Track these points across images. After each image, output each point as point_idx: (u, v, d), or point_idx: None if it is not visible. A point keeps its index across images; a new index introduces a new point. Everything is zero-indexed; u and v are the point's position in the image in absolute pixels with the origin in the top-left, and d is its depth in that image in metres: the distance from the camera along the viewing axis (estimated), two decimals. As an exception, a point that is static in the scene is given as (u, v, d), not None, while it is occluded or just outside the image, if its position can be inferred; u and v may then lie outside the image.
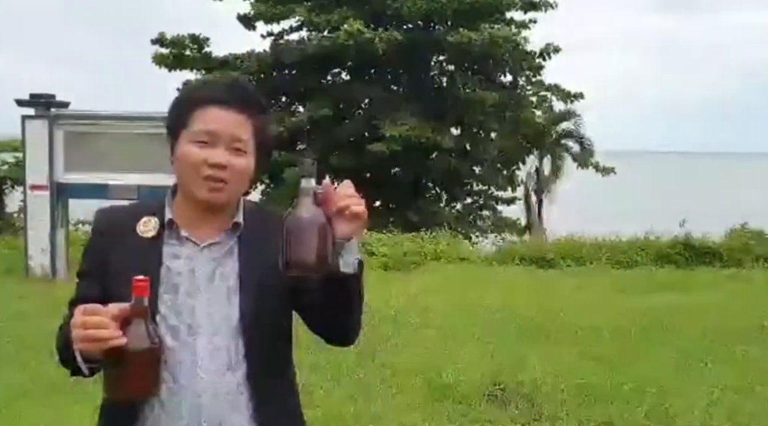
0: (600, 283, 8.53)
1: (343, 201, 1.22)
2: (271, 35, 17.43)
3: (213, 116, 1.34)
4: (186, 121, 1.36)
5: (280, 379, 1.41)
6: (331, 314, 1.34)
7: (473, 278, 8.52)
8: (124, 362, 1.20)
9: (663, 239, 10.60)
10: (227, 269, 1.36)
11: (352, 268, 1.27)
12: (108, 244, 1.39)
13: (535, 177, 17.54)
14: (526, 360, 5.05)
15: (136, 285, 1.21)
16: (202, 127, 1.34)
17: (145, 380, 1.23)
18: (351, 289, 1.30)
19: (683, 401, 4.30)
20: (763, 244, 10.43)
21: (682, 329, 6.06)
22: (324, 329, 1.39)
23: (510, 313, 6.52)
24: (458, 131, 17.01)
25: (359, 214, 1.22)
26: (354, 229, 1.24)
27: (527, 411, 4.15)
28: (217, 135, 1.34)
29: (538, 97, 17.52)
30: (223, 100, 1.35)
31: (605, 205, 23.58)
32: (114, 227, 1.40)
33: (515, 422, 4.00)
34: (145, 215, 1.39)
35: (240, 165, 1.35)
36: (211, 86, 1.41)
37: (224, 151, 1.34)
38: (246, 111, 1.37)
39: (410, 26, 16.55)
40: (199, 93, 1.39)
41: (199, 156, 1.33)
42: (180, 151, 1.36)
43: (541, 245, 10.90)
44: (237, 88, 1.40)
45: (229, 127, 1.34)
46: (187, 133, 1.35)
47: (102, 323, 1.19)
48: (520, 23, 16.67)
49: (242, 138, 1.36)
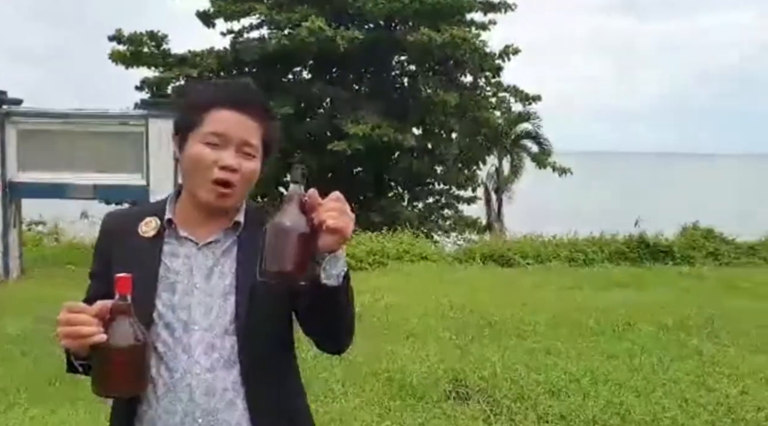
0: (558, 280, 8.71)
1: (324, 214, 1.20)
2: (231, 33, 17.26)
3: (226, 118, 1.34)
4: (197, 122, 1.35)
5: (277, 380, 1.40)
6: (317, 322, 1.34)
7: (435, 277, 8.60)
8: (106, 359, 1.21)
9: (618, 238, 10.89)
10: (225, 268, 1.37)
11: (335, 281, 1.26)
12: (112, 244, 1.42)
13: (495, 177, 17.77)
14: (487, 356, 5.12)
15: (119, 283, 1.23)
16: (214, 129, 1.34)
17: (127, 377, 1.24)
18: (335, 301, 1.28)
19: (638, 394, 4.43)
20: (714, 241, 10.80)
21: (637, 325, 6.23)
22: (313, 334, 1.38)
23: (471, 311, 6.61)
24: (420, 131, 17.12)
25: (339, 229, 1.20)
26: (335, 242, 1.22)
27: (487, 406, 4.22)
28: (229, 137, 1.33)
29: (497, 98, 17.76)
30: (237, 104, 1.35)
31: (563, 205, 24.04)
32: (119, 228, 1.43)
33: (475, 418, 4.06)
34: (148, 216, 1.41)
35: (249, 169, 1.36)
36: (225, 89, 1.40)
37: (235, 154, 1.34)
38: (257, 116, 1.37)
39: (372, 26, 16.59)
40: (212, 94, 1.38)
41: (209, 157, 1.33)
42: (190, 151, 1.35)
43: (501, 244, 11.06)
44: (249, 92, 1.40)
45: (240, 130, 1.34)
46: (198, 134, 1.34)
47: (83, 320, 1.20)
48: (480, 24, 16.86)
49: (252, 142, 1.36)
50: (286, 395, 1.42)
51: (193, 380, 1.32)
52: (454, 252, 11.16)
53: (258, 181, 1.41)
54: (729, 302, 7.39)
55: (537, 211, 17.74)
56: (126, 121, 8.11)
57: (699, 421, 3.99)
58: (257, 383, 1.35)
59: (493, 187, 17.63)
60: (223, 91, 1.39)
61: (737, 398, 4.36)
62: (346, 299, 1.31)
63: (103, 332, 1.20)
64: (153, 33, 16.32)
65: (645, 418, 4.03)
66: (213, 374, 1.33)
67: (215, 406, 1.32)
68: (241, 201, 1.41)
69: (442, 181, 17.91)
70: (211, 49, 16.74)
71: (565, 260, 10.18)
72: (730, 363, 5.11)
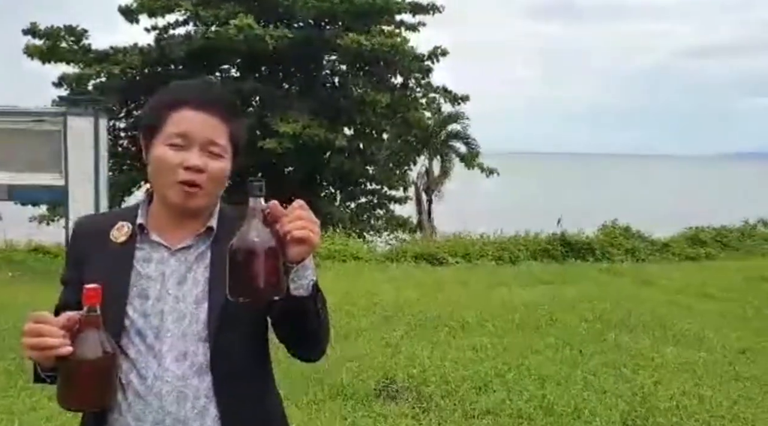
0: (485, 278, 8.92)
1: (288, 224, 1.18)
2: (156, 29, 16.79)
3: (188, 118, 1.31)
4: (160, 124, 1.32)
5: (251, 388, 1.38)
6: (289, 330, 1.33)
7: (367, 276, 8.64)
8: (73, 372, 1.18)
9: (542, 236, 11.26)
10: (198, 274, 1.34)
11: (305, 291, 1.24)
12: (84, 251, 1.39)
13: (425, 177, 18.00)
14: (416, 354, 5.20)
15: (87, 294, 1.19)
16: (177, 130, 1.31)
17: (94, 390, 1.21)
18: (305, 309, 1.27)
19: (561, 387, 4.59)
20: (631, 239, 11.32)
21: (560, 320, 6.46)
22: (286, 341, 1.37)
23: (401, 309, 6.68)
24: (351, 131, 17.16)
25: (306, 238, 1.18)
26: (302, 252, 1.20)
27: (416, 403, 4.28)
28: (192, 137, 1.31)
29: (427, 99, 18.00)
30: (199, 102, 1.32)
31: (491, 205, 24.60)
32: (90, 234, 1.40)
33: (404, 415, 4.11)
34: (120, 221, 1.39)
35: (216, 169, 1.32)
36: (187, 88, 1.37)
37: (200, 153, 1.31)
38: (222, 114, 1.34)
39: (302, 24, 16.49)
40: (173, 95, 1.35)
41: (174, 159, 1.30)
42: (154, 153, 1.32)
43: (431, 243, 11.24)
44: (212, 90, 1.37)
45: (204, 129, 1.31)
46: (162, 136, 1.32)
47: (48, 331, 1.17)
48: (409, 26, 17.04)
49: (218, 142, 1.33)
50: (260, 403, 1.40)
51: (164, 387, 1.30)
52: (385, 251, 11.24)
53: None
54: (645, 296, 7.77)
55: (466, 210, 18.09)
56: (42, 119, 7.76)
57: (617, 411, 4.18)
58: (230, 391, 1.33)
59: (424, 187, 17.85)
60: (185, 91, 1.35)
61: (652, 388, 4.59)
62: (317, 307, 1.29)
63: (69, 344, 1.17)
64: (71, 27, 15.67)
65: (567, 410, 4.18)
66: (184, 382, 1.30)
67: (186, 414, 1.30)
68: (213, 202, 1.38)
69: (374, 181, 18.01)
70: (135, 45, 16.23)
71: (492, 258, 10.44)
72: (645, 354, 5.37)
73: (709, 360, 5.27)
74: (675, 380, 4.78)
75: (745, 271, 9.31)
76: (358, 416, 4.09)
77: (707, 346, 5.63)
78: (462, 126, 17.96)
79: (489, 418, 4.10)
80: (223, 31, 14.72)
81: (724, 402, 4.36)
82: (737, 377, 4.88)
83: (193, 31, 16.26)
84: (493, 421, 4.05)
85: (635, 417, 4.09)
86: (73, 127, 7.62)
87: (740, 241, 11.74)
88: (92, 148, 7.70)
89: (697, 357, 5.33)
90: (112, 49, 16.08)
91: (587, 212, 15.55)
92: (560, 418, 4.07)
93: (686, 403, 4.31)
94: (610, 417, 4.08)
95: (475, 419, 4.08)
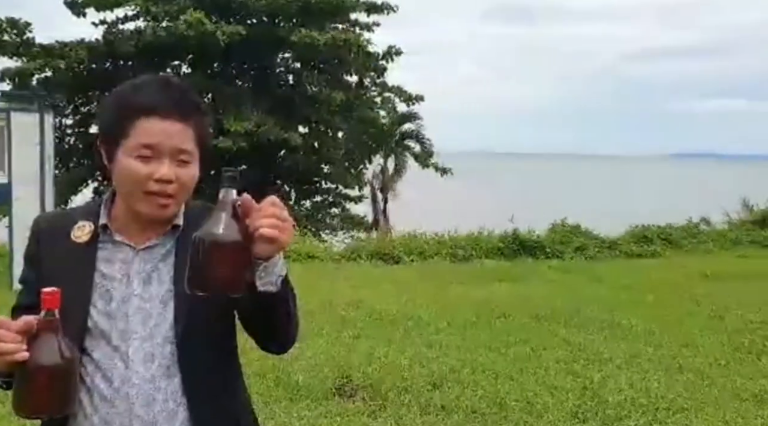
0: (440, 275, 9.01)
1: (259, 221, 1.14)
2: (104, 23, 16.35)
3: (154, 128, 1.25)
4: (123, 133, 1.26)
5: (220, 389, 1.35)
6: (257, 325, 1.31)
7: (322, 276, 8.61)
8: (29, 378, 1.15)
9: (495, 234, 11.42)
10: (163, 273, 1.31)
11: (273, 287, 1.21)
12: (43, 250, 1.35)
13: (381, 176, 18.06)
14: (372, 352, 5.22)
15: (45, 298, 1.15)
16: (144, 141, 1.25)
17: (52, 397, 1.16)
18: (273, 305, 1.24)
19: (513, 383, 4.68)
20: (580, 237, 11.59)
21: (513, 316, 6.58)
22: (255, 336, 1.34)
23: (357, 308, 6.69)
24: (306, 129, 17.06)
25: (274, 238, 1.15)
26: (270, 250, 1.17)
27: (372, 401, 4.29)
28: (160, 149, 1.26)
29: (382, 98, 18.07)
30: (164, 109, 1.26)
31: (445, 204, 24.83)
32: (49, 233, 1.36)
33: (360, 413, 4.12)
34: (80, 220, 1.34)
35: (186, 176, 1.29)
36: (148, 91, 1.29)
37: (169, 163, 1.26)
38: (187, 118, 1.29)
39: (255, 21, 16.31)
40: (135, 100, 1.28)
41: (142, 171, 1.25)
42: (120, 165, 1.27)
43: (387, 242, 11.27)
44: (175, 91, 1.30)
45: (172, 138, 1.26)
46: (127, 147, 1.26)
47: (3, 336, 1.13)
48: (364, 25, 17.06)
49: (186, 148, 1.28)
50: (230, 403, 1.37)
51: (131, 390, 1.27)
52: (341, 250, 11.23)
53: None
54: (593, 293, 7.97)
55: (420, 209, 18.22)
56: (-17, 114, 7.48)
57: (567, 405, 4.28)
58: (199, 392, 1.30)
59: (379, 186, 17.92)
60: (149, 97, 1.28)
61: (601, 382, 4.72)
62: (286, 302, 1.27)
63: (26, 349, 1.14)
64: (14, 20, 15.14)
65: (519, 405, 4.27)
66: (153, 384, 1.27)
67: (155, 417, 1.27)
68: (181, 207, 1.34)
69: (329, 180, 17.96)
70: (81, 40, 15.78)
71: (446, 256, 10.54)
72: (594, 350, 5.52)
73: (655, 354, 5.45)
74: (623, 374, 4.93)
75: (689, 268, 9.65)
76: (315, 415, 4.09)
77: (653, 341, 5.82)
78: (416, 126, 18.10)
79: (444, 414, 4.15)
80: (173, 27, 14.45)
81: (669, 394, 4.52)
82: (681, 370, 5.07)
83: (143, 26, 15.91)
84: (447, 416, 4.11)
85: (585, 410, 4.20)
86: (17, 124, 7.37)
87: (684, 239, 12.15)
88: (37, 145, 7.46)
89: (643, 351, 5.51)
90: (57, 43, 15.60)
91: (537, 211, 15.85)
92: (513, 413, 4.15)
93: (634, 396, 4.44)
94: (561, 411, 4.19)
95: (431, 415, 4.13)
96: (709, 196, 23.02)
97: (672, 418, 4.13)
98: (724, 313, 6.87)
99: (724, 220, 13.82)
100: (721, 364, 5.20)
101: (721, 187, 22.28)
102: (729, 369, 5.10)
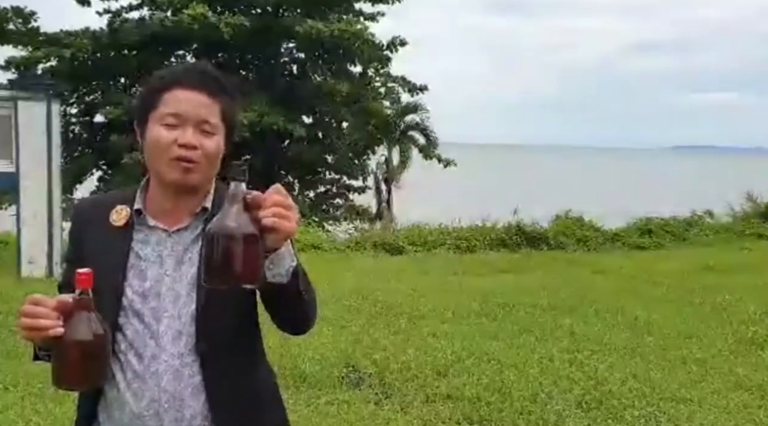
0: (444, 266, 9.05)
1: (267, 211, 1.18)
2: (108, 12, 16.33)
3: (180, 98, 1.34)
4: (153, 105, 1.35)
5: (239, 366, 1.41)
6: (273, 309, 1.36)
7: (327, 266, 8.65)
8: (64, 353, 1.22)
9: (499, 226, 11.46)
10: (194, 255, 1.37)
11: (283, 278, 1.26)
12: (84, 232, 1.44)
13: (385, 167, 18.05)
14: (378, 341, 5.26)
15: (79, 278, 1.22)
16: (169, 110, 1.34)
17: (84, 371, 1.24)
18: (286, 295, 1.29)
19: (517, 372, 4.72)
20: (583, 228, 11.62)
21: (516, 307, 6.62)
22: (274, 319, 1.39)
23: (363, 298, 6.74)
24: (310, 120, 17.05)
25: (276, 228, 1.18)
26: (276, 240, 1.20)
27: (378, 389, 4.35)
28: (185, 116, 1.34)
29: (386, 88, 18.02)
30: (190, 82, 1.35)
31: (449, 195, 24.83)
32: (90, 216, 1.45)
33: (367, 402, 4.17)
34: (118, 204, 1.42)
35: (210, 146, 1.35)
36: (178, 70, 1.41)
37: (193, 131, 1.33)
38: (213, 93, 1.36)
39: (259, 11, 16.27)
40: (165, 77, 1.38)
41: (168, 137, 1.33)
42: (149, 134, 1.36)
43: (391, 233, 11.32)
44: (203, 71, 1.40)
45: (196, 108, 1.34)
46: (156, 117, 1.35)
47: (41, 313, 1.21)
48: (368, 15, 17.00)
49: (210, 120, 1.35)
50: (249, 380, 1.43)
51: (161, 366, 1.33)
52: (345, 241, 11.27)
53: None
54: (597, 284, 8.01)
55: (424, 200, 18.24)
56: (-11, 102, 7.50)
57: (571, 395, 4.32)
58: (219, 368, 1.37)
59: (383, 176, 17.91)
60: (177, 73, 1.39)
61: (604, 372, 4.76)
62: (298, 291, 1.30)
63: (61, 326, 1.21)
64: (19, 9, 15.13)
65: (524, 394, 4.31)
66: (181, 360, 1.34)
67: (182, 392, 1.34)
68: (208, 180, 1.40)
69: (333, 171, 17.96)
70: (86, 29, 15.77)
71: (450, 248, 10.58)
72: (598, 340, 5.56)
73: (659, 345, 5.48)
74: (627, 364, 4.97)
75: (691, 260, 9.67)
76: (322, 403, 4.14)
77: (657, 332, 5.86)
78: (420, 117, 18.06)
79: (449, 402, 4.20)
80: (178, 19, 14.43)
81: (673, 384, 4.56)
82: (684, 361, 5.10)
83: (147, 16, 15.89)
84: (452, 405, 4.15)
85: (589, 400, 4.24)
86: (24, 112, 7.39)
87: (687, 231, 12.16)
88: (44, 134, 7.49)
89: (647, 342, 5.55)
90: (62, 32, 15.59)
91: (541, 203, 15.87)
92: (517, 402, 4.19)
93: (637, 387, 4.49)
94: (566, 400, 4.22)
95: (436, 403, 4.18)
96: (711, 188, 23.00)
97: (675, 408, 4.17)
98: (727, 305, 6.90)
99: (728, 213, 13.82)
100: (724, 356, 5.24)
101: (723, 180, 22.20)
102: (732, 360, 5.13)
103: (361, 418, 3.93)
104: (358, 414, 3.98)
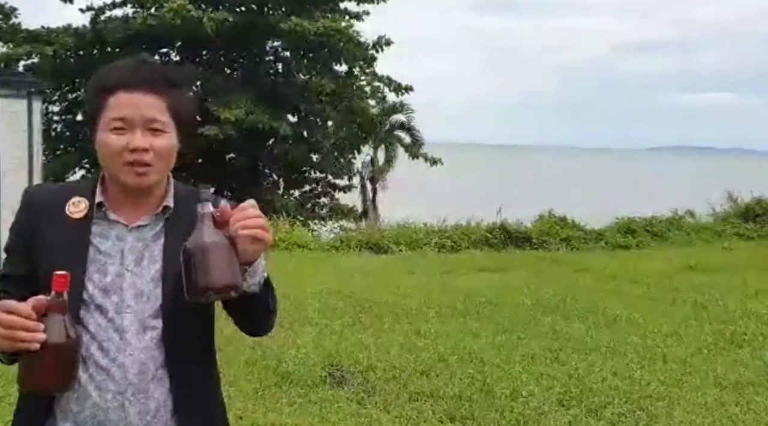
0: (429, 266, 9.08)
1: (238, 224, 1.24)
2: (91, 10, 16.19)
3: (123, 101, 1.34)
4: (100, 109, 1.35)
5: (199, 363, 1.44)
6: (238, 316, 1.42)
7: (312, 265, 8.66)
8: (37, 355, 1.20)
9: (483, 225, 11.52)
10: (155, 253, 1.38)
11: (257, 288, 1.32)
12: (36, 221, 1.39)
13: (370, 166, 18.06)
14: (362, 340, 5.28)
15: (57, 280, 1.21)
16: (114, 114, 1.34)
17: (56, 374, 1.24)
18: (256, 303, 1.35)
19: (500, 370, 4.76)
20: (566, 228, 11.71)
21: (500, 306, 6.66)
22: (236, 322, 1.45)
23: (347, 297, 6.74)
24: (295, 118, 17.01)
25: (258, 238, 1.25)
26: (256, 252, 1.27)
27: (361, 388, 4.36)
28: (131, 120, 1.33)
29: (372, 88, 18.02)
30: (134, 83, 1.34)
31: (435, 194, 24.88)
32: (43, 205, 1.41)
33: (350, 400, 4.18)
34: (75, 196, 1.40)
35: (161, 145, 1.35)
36: (117, 71, 1.39)
37: (142, 134, 1.33)
38: (158, 91, 1.35)
39: (243, 8, 16.21)
40: (105, 79, 1.37)
41: (118, 143, 1.33)
42: (99, 140, 1.36)
43: (376, 232, 11.33)
44: (143, 68, 1.39)
45: (142, 110, 1.34)
46: (103, 122, 1.35)
47: (17, 324, 1.19)
48: (353, 15, 16.99)
49: (159, 118, 1.35)
50: (207, 380, 1.47)
51: (126, 360, 1.34)
52: (330, 240, 11.27)
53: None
54: (580, 283, 8.08)
55: (410, 200, 18.28)
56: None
57: (553, 392, 4.36)
58: (181, 363, 1.38)
59: (368, 176, 17.92)
60: (117, 74, 1.37)
61: (586, 370, 4.80)
62: (266, 301, 1.37)
63: (40, 340, 1.20)
64: None
65: (506, 392, 4.34)
66: (147, 354, 1.35)
67: (147, 385, 1.36)
68: (164, 178, 1.41)
69: (318, 170, 17.94)
70: (69, 26, 15.63)
71: (435, 247, 10.61)
72: (579, 338, 5.61)
73: (639, 343, 5.54)
74: (607, 362, 5.02)
75: (673, 260, 9.78)
76: (304, 402, 4.14)
77: (637, 330, 5.92)
78: (406, 116, 18.08)
79: (432, 400, 4.22)
80: (161, 16, 14.33)
81: (652, 382, 4.61)
82: (665, 359, 5.16)
83: (131, 13, 15.77)
84: (435, 403, 4.17)
85: (570, 398, 4.29)
86: (4, 110, 7.32)
87: (669, 231, 12.28)
88: (26, 131, 7.42)
89: (628, 340, 5.60)
90: (44, 28, 15.43)
91: (525, 202, 15.96)
92: (499, 400, 4.22)
93: (618, 384, 4.53)
94: (547, 398, 4.26)
95: (419, 402, 4.19)
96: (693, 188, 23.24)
97: (654, 406, 4.22)
98: (707, 303, 6.99)
99: (709, 213, 13.98)
100: (704, 354, 5.31)
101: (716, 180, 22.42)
102: (711, 358, 5.20)
103: (344, 417, 3.94)
104: (341, 413, 3.99)
